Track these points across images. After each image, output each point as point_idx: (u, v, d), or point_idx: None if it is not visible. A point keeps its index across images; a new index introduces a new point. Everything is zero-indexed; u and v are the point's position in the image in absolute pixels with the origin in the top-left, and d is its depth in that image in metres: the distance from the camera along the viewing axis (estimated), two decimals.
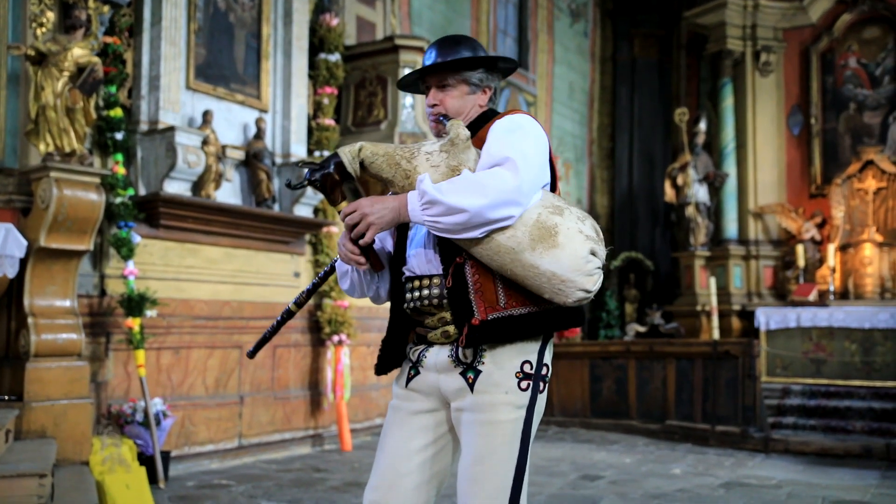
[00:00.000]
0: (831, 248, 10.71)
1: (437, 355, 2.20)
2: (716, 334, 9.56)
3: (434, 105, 2.30)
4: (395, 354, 2.32)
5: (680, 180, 11.90)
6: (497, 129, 2.17)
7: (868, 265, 10.62)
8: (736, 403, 7.87)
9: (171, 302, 6.35)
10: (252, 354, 2.42)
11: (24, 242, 4.97)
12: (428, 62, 2.30)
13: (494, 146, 2.11)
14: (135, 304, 5.89)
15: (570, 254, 2.05)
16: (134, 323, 5.89)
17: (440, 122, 2.28)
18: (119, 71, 6.15)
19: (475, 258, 2.11)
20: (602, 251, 2.12)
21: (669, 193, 12.11)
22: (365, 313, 8.27)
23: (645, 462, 6.99)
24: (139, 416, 5.82)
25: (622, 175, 13.73)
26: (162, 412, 5.93)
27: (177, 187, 6.38)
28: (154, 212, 6.30)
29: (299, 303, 2.35)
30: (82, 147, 5.29)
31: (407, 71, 7.96)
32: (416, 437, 2.24)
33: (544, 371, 2.18)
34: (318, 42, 7.93)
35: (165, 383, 6.38)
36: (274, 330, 2.37)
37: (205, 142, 6.40)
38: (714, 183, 11.92)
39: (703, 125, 11.96)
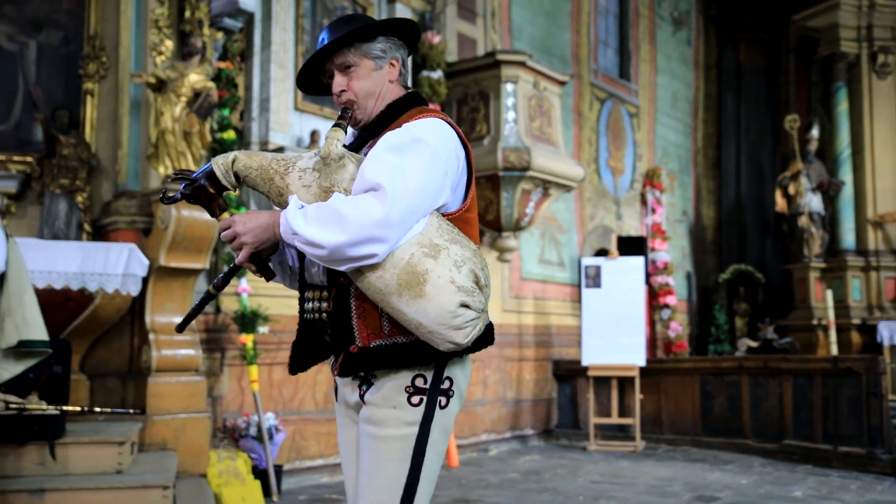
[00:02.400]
0: None
1: None
2: (834, 350, 9.16)
3: (342, 91, 2.09)
4: (306, 354, 2.17)
5: (791, 189, 11.49)
6: (385, 142, 1.95)
7: None
8: (860, 423, 7.47)
9: (282, 318, 6.48)
10: (180, 329, 2.24)
11: (146, 262, 5.17)
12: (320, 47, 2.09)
13: (370, 167, 1.89)
14: (248, 320, 6.04)
15: (436, 306, 1.85)
16: (247, 339, 6.05)
17: (348, 109, 2.08)
18: (232, 94, 6.35)
19: None
20: (478, 301, 1.90)
21: (780, 203, 11.69)
22: None
23: (762, 483, 6.71)
24: (253, 431, 5.95)
25: (729, 185, 13.34)
26: (274, 427, 6.04)
27: None
28: None
29: (217, 286, 2.19)
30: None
31: (509, 86, 7.97)
32: (357, 450, 2.14)
33: (446, 384, 1.99)
34: (421, 60, 8.01)
35: (277, 398, 6.51)
36: (196, 310, 2.23)
37: None
38: (829, 191, 11.45)
39: (815, 131, 11.52)
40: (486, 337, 2.02)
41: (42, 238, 5.33)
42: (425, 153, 1.92)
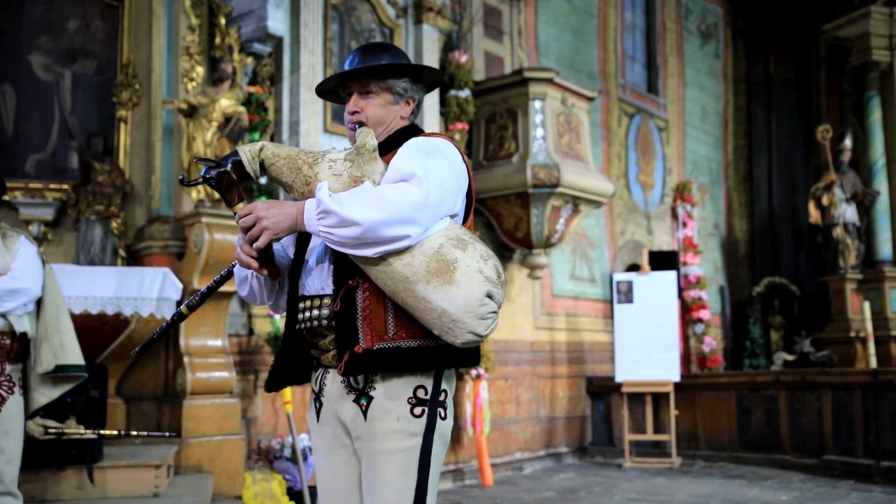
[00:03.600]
0: None
1: (333, 382, 2.10)
2: (873, 362, 9.00)
3: (354, 112, 2.18)
4: (286, 371, 2.22)
5: (825, 200, 11.33)
6: (410, 145, 2.06)
7: None
8: None
9: None
10: (138, 354, 2.27)
11: (180, 285, 5.23)
12: (350, 67, 2.19)
13: (403, 161, 1.99)
14: (280, 342, 6.06)
15: (465, 293, 1.92)
16: None
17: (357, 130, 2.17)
18: (262, 118, 6.42)
19: (370, 281, 1.99)
20: (500, 294, 1.99)
21: (814, 215, 11.53)
22: (502, 346, 8.24)
23: (803, 500, 6.60)
24: (287, 452, 5.97)
25: (761, 197, 13.21)
26: (308, 448, 6.05)
27: None
28: None
29: (191, 306, 2.21)
30: None
31: (537, 103, 7.97)
32: (344, 474, 2.14)
33: (443, 397, 2.06)
34: (449, 79, 8.04)
35: None
36: (162, 332, 2.23)
37: None
38: (863, 202, 11.27)
39: (848, 142, 11.36)
40: (475, 354, 2.08)
41: (78, 264, 5.41)
42: (446, 161, 2.04)
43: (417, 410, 2.01)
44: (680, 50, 12.17)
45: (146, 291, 5.06)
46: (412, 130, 2.22)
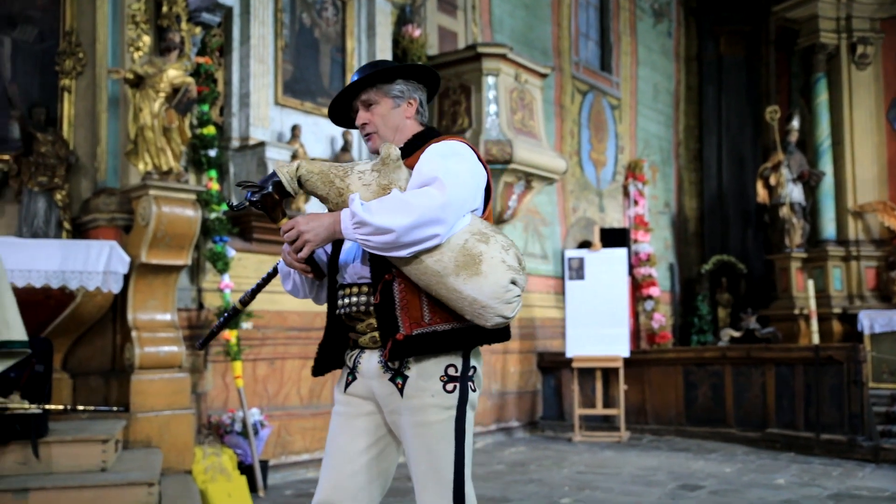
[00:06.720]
0: None
1: (369, 361, 2.29)
2: (815, 339, 9.20)
3: (364, 124, 2.37)
4: (331, 357, 2.41)
5: (773, 180, 11.54)
6: (431, 151, 2.25)
7: None
8: (841, 411, 7.55)
9: (266, 314, 6.47)
10: (201, 346, 2.54)
11: (127, 259, 5.14)
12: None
13: (425, 166, 2.19)
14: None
15: (492, 282, 2.12)
16: (231, 335, 6.03)
17: (374, 138, 2.36)
18: (211, 90, 6.31)
19: (404, 274, 2.17)
20: (523, 280, 2.18)
21: (762, 194, 11.75)
22: None
23: (746, 471, 6.77)
24: (238, 426, 5.94)
25: (711, 176, 13.41)
26: (259, 422, 6.03)
27: None
28: (247, 226, 6.44)
29: (244, 301, 2.43)
30: (178, 165, 5.45)
31: (490, 79, 7.98)
32: (358, 440, 2.34)
33: (471, 372, 2.27)
34: (401, 53, 7.99)
35: (262, 394, 6.50)
36: (221, 326, 2.46)
37: (294, 156, 6.52)
38: (809, 182, 11.52)
39: (795, 122, 11.58)
40: (505, 332, 2.27)
41: (21, 237, 5.27)
42: (463, 161, 2.24)
43: (450, 387, 2.22)
44: (633, 28, 12.25)
45: (92, 265, 4.97)
46: (429, 134, 2.38)
